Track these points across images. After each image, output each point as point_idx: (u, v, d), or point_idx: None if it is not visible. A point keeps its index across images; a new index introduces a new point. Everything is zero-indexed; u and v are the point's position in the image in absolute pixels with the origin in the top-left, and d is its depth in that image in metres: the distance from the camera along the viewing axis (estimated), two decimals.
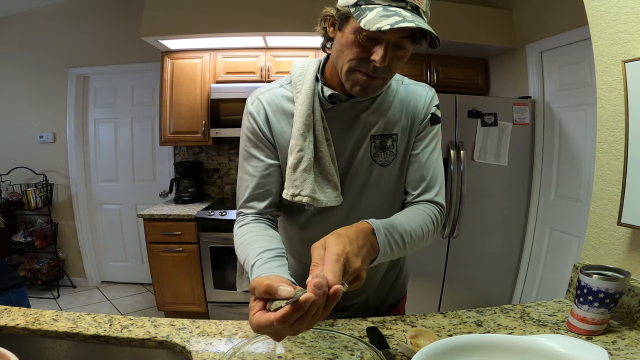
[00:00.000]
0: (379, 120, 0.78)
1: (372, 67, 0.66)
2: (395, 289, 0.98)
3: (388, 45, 0.64)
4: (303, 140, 0.75)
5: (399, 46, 0.66)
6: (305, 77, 0.78)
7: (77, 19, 2.98)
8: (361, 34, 0.64)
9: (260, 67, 2.69)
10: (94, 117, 3.22)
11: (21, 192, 3.00)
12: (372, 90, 0.72)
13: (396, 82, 0.83)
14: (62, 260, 3.27)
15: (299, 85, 0.78)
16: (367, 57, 0.66)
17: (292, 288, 0.46)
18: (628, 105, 0.81)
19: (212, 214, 2.43)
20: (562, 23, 2.20)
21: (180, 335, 0.76)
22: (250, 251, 0.66)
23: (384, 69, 0.67)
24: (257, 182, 0.79)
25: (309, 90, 0.76)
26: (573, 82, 2.25)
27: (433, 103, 0.83)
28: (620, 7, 0.82)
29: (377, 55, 0.64)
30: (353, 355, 0.64)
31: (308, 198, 0.75)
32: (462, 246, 2.45)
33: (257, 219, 0.79)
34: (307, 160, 0.75)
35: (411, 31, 0.64)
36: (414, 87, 0.84)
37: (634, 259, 0.82)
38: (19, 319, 0.81)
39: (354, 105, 0.78)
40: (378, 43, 0.64)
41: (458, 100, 2.31)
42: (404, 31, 0.63)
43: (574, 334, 0.75)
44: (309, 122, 0.75)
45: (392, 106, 0.80)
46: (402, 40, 0.65)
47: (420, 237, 0.71)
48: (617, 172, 0.85)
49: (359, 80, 0.69)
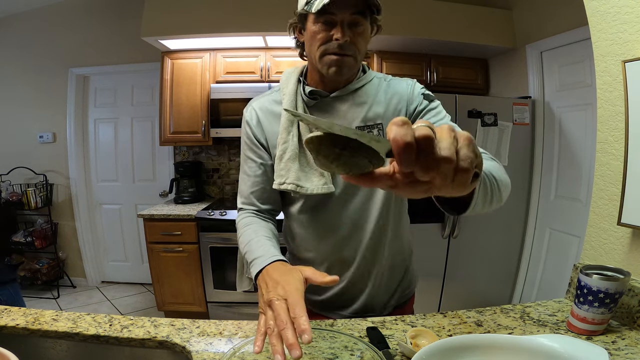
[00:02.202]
0: (361, 112, 0.84)
1: (337, 45, 0.76)
2: (402, 288, 0.98)
3: (343, 23, 0.75)
4: (287, 134, 0.83)
5: (355, 24, 0.76)
6: (290, 80, 0.88)
7: (77, 19, 2.98)
8: (318, 22, 0.76)
9: (260, 67, 2.69)
10: (94, 117, 3.22)
11: (21, 192, 3.00)
12: (346, 70, 0.80)
13: (379, 80, 0.89)
14: (62, 260, 3.27)
15: (284, 88, 0.88)
16: (330, 38, 0.77)
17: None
18: (628, 105, 0.81)
19: (212, 214, 2.43)
20: (562, 23, 2.20)
21: (180, 335, 0.76)
22: (252, 244, 0.76)
23: (349, 46, 0.77)
24: (253, 180, 0.88)
25: (291, 90, 0.86)
26: (573, 82, 2.25)
27: (418, 86, 0.88)
28: (620, 7, 0.82)
29: (337, 33, 0.75)
30: (353, 355, 0.64)
31: (293, 185, 0.82)
32: (462, 246, 2.45)
33: (256, 214, 0.88)
34: (290, 151, 0.82)
35: (358, 8, 0.75)
36: (397, 80, 0.90)
37: (634, 259, 0.82)
38: (19, 319, 0.81)
39: (334, 99, 0.85)
40: (335, 25, 0.76)
41: (458, 100, 2.31)
42: (352, 7, 0.74)
43: (574, 334, 0.74)
44: (292, 117, 0.83)
45: (375, 99, 0.86)
46: (355, 17, 0.76)
47: (501, 170, 0.65)
48: (617, 172, 0.85)
49: (331, 61, 0.78)
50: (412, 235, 1.01)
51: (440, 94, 2.36)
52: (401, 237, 0.93)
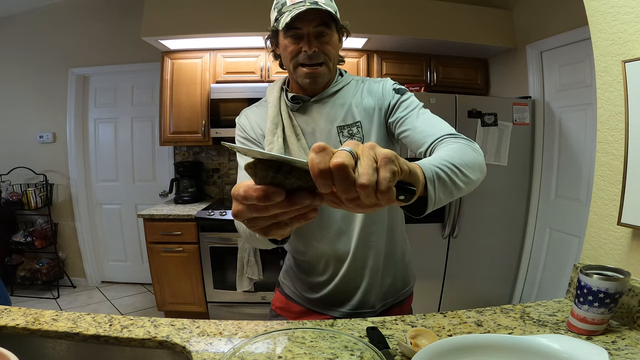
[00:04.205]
0: (341, 112, 0.90)
1: (307, 57, 0.83)
2: (399, 284, 0.98)
3: (309, 35, 0.82)
4: (272, 135, 0.88)
5: (320, 34, 0.83)
6: (273, 89, 0.95)
7: (77, 19, 2.98)
8: (287, 37, 0.83)
9: (260, 67, 2.69)
10: (94, 117, 3.22)
11: (21, 192, 3.00)
12: (320, 79, 0.87)
13: (356, 82, 0.95)
14: (62, 260, 3.27)
15: (269, 96, 0.95)
16: (300, 50, 0.83)
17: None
18: (628, 105, 0.81)
19: (212, 214, 2.43)
20: (562, 23, 2.20)
21: (180, 335, 0.76)
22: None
23: (318, 55, 0.83)
24: None
25: (275, 97, 0.92)
26: (573, 82, 2.25)
27: (389, 82, 0.93)
28: (620, 7, 0.82)
29: (305, 46, 0.82)
30: (353, 355, 0.64)
31: None
32: (462, 246, 2.45)
33: None
34: (275, 151, 0.86)
35: (320, 18, 0.81)
36: (372, 81, 0.95)
37: (634, 259, 0.82)
38: (19, 319, 0.81)
39: (315, 102, 0.91)
40: (302, 38, 0.83)
41: (458, 100, 2.31)
42: (314, 20, 0.80)
43: (574, 334, 0.75)
44: (276, 121, 0.89)
45: (353, 99, 0.91)
46: (319, 28, 0.82)
47: (458, 150, 0.65)
48: (617, 172, 0.85)
49: (304, 74, 0.85)
50: (412, 235, 1.01)
51: (440, 94, 2.38)
52: (393, 231, 0.95)
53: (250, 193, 0.34)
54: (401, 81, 2.49)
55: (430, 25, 2.54)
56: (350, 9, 2.03)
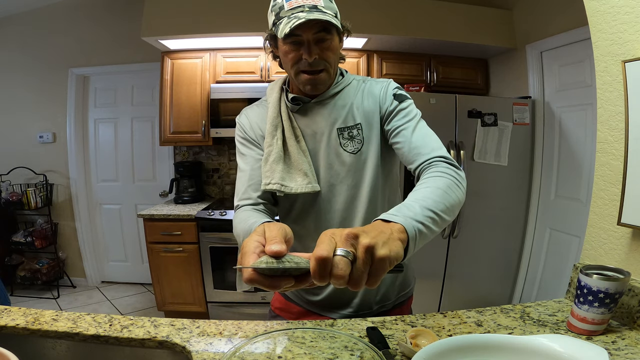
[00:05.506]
0: (341, 114, 0.89)
1: (307, 64, 0.81)
2: (399, 285, 0.98)
3: (309, 42, 0.80)
4: (272, 138, 0.88)
5: (321, 40, 0.81)
6: (273, 90, 0.94)
7: (77, 19, 2.98)
8: (287, 43, 0.82)
9: (260, 67, 2.69)
10: (94, 117, 3.22)
11: (21, 192, 3.00)
12: (321, 85, 0.86)
13: (357, 82, 0.94)
14: (62, 260, 3.27)
15: (269, 97, 0.94)
16: (301, 57, 0.82)
17: (281, 247, 0.47)
18: (628, 105, 0.81)
19: (212, 214, 2.43)
20: (562, 23, 2.20)
21: (180, 335, 0.76)
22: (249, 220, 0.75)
23: (319, 62, 0.82)
24: (250, 174, 0.90)
25: (275, 98, 0.91)
26: (573, 82, 2.25)
27: (391, 86, 0.91)
28: (620, 7, 0.82)
29: (305, 54, 0.80)
30: (353, 355, 0.64)
31: (277, 185, 0.85)
32: (462, 246, 2.45)
33: (254, 208, 0.88)
34: (274, 154, 0.86)
35: (320, 25, 0.78)
36: (374, 82, 0.94)
37: (634, 259, 0.82)
38: (19, 319, 0.81)
39: (316, 104, 0.90)
40: (302, 44, 0.81)
41: (458, 100, 2.31)
42: (314, 27, 0.78)
43: (574, 334, 0.75)
44: (276, 122, 0.89)
45: (353, 100, 0.90)
46: (319, 35, 0.80)
47: (443, 191, 0.66)
48: (617, 172, 0.85)
49: (305, 81, 0.84)
50: None
51: (440, 94, 2.38)
52: None
53: (262, 283, 0.45)
54: (401, 81, 2.49)
55: (431, 25, 2.54)
56: (350, 9, 2.03)
